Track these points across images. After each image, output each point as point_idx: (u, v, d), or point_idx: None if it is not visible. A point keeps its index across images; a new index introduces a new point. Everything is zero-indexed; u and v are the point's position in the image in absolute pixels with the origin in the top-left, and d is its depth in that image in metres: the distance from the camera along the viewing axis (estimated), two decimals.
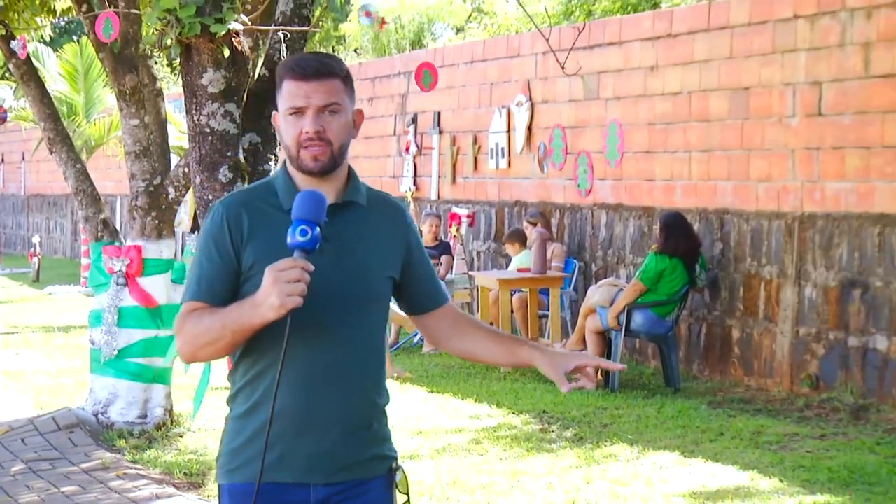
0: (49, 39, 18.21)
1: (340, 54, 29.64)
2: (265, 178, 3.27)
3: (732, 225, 10.85)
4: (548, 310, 11.78)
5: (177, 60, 6.48)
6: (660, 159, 11.69)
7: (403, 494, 3.22)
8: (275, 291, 2.87)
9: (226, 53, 6.35)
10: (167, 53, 6.41)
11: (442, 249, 13.41)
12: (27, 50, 9.35)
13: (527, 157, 13.59)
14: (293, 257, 2.91)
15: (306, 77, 3.07)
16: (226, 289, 3.10)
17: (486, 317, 11.89)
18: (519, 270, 12.06)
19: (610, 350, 10.59)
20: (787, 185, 10.28)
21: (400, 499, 3.22)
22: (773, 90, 10.41)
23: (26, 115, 20.89)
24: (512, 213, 13.93)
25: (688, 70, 11.31)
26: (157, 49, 6.64)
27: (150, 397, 8.92)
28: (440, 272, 12.89)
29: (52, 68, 20.67)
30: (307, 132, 3.07)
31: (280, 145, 6.78)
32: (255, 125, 6.69)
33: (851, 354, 9.64)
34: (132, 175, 8.95)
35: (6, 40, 9.43)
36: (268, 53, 6.85)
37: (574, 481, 7.34)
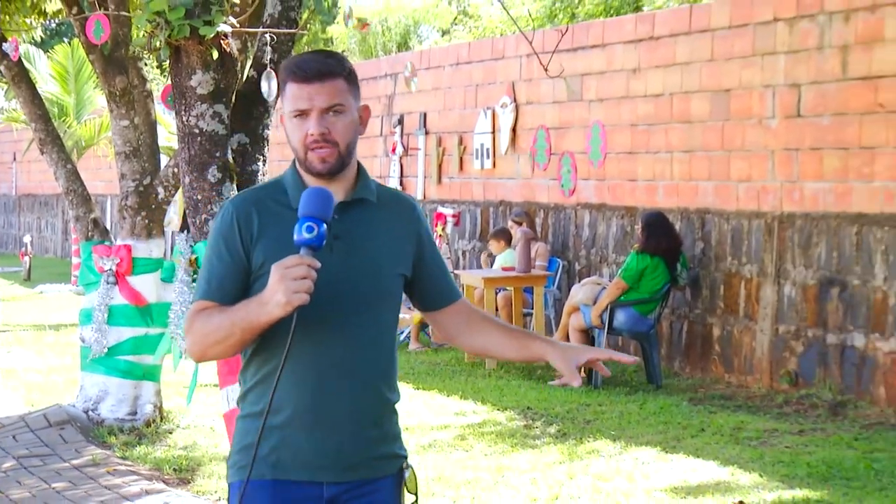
0: (40, 41, 18.17)
1: None
2: (275, 177, 3.21)
3: (713, 224, 10.87)
4: (532, 308, 11.79)
5: (166, 62, 6.47)
6: (642, 160, 11.71)
7: (412, 494, 3.17)
8: (281, 289, 2.83)
9: (214, 55, 6.34)
10: (157, 55, 6.40)
11: None
12: (19, 52, 9.33)
13: (511, 158, 13.60)
14: (300, 254, 2.87)
15: (308, 79, 3.02)
16: (236, 287, 3.06)
17: None
18: (504, 269, 12.07)
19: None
20: (767, 186, 10.30)
21: (408, 498, 3.17)
22: (753, 92, 10.43)
23: (17, 116, 20.84)
24: (497, 213, 13.93)
25: (669, 72, 11.32)
26: (147, 51, 6.62)
27: (140, 394, 8.91)
28: None
29: (43, 70, 20.61)
30: (312, 134, 3.01)
31: (268, 146, 6.81)
32: (244, 126, 6.68)
33: (830, 352, 9.67)
34: (122, 175, 8.94)
35: None
36: (256, 55, 6.85)
37: (557, 476, 7.35)
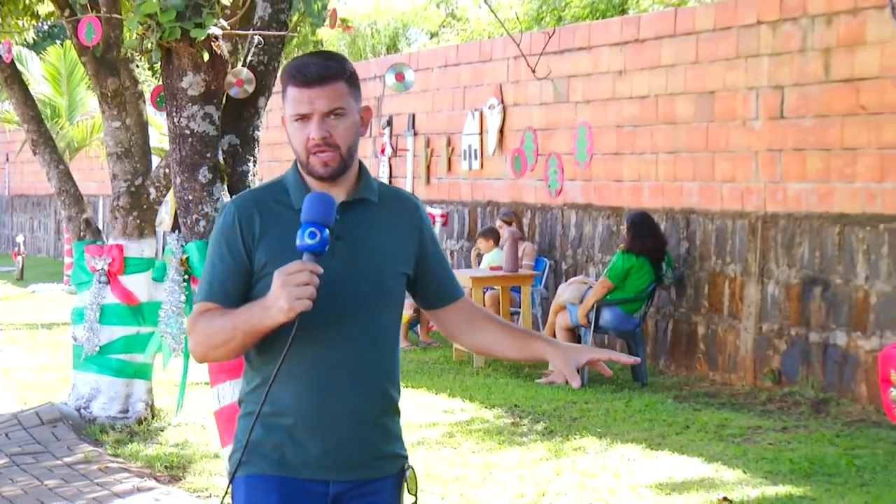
0: (32, 43, 18.12)
1: None
2: (276, 177, 3.17)
3: (698, 224, 10.88)
4: (519, 307, 11.79)
5: (157, 64, 6.45)
6: (628, 161, 11.72)
7: (412, 495, 3.15)
8: (283, 295, 2.81)
9: (205, 57, 6.33)
10: (148, 57, 6.38)
11: None
12: (11, 54, 9.30)
13: (499, 159, 13.60)
14: (302, 260, 2.84)
15: (309, 83, 2.98)
16: (238, 289, 3.03)
17: None
18: (491, 269, 12.08)
19: None
20: (751, 186, 10.32)
21: (408, 499, 3.16)
22: (737, 94, 10.44)
23: (10, 118, 20.78)
24: (484, 213, 13.94)
25: (655, 74, 11.34)
26: (139, 53, 6.61)
27: (132, 392, 8.90)
28: None
29: (36, 71, 20.59)
30: (313, 139, 2.98)
31: (259, 147, 6.80)
32: (234, 127, 6.66)
33: (812, 350, 9.69)
34: (114, 176, 8.93)
35: None
36: (246, 57, 6.84)
37: (544, 473, 7.35)
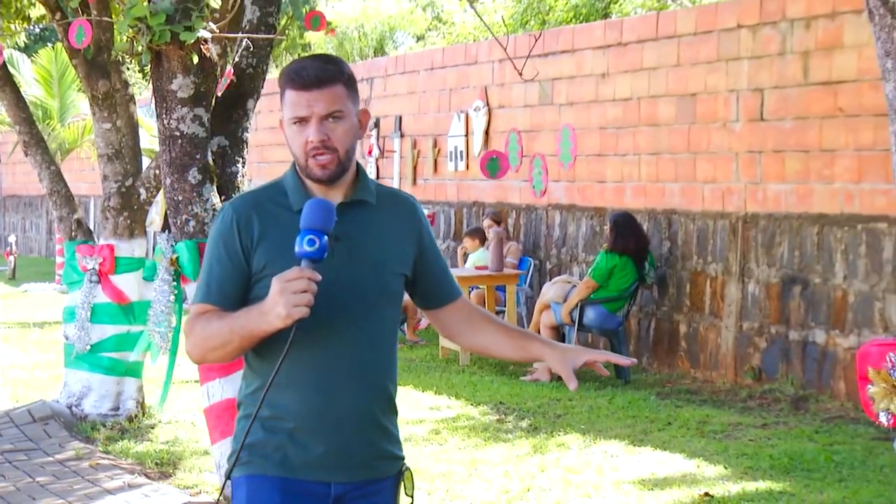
0: (24, 46, 18.07)
1: None
2: (274, 179, 3.13)
3: (679, 224, 10.90)
4: (504, 305, 11.80)
5: (148, 67, 6.44)
6: (611, 162, 11.73)
7: (408, 496, 3.12)
8: (281, 301, 2.78)
9: (195, 60, 6.32)
10: (138, 60, 6.36)
11: None
12: (3, 57, 9.27)
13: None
14: (300, 267, 2.80)
15: (307, 86, 2.94)
16: (236, 290, 3.00)
17: None
18: (477, 268, 12.08)
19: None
20: (732, 187, 10.34)
21: (404, 500, 3.13)
22: (718, 96, 10.46)
23: (2, 119, 20.71)
24: (470, 214, 13.94)
25: (637, 77, 11.35)
26: (129, 55, 6.58)
27: (123, 390, 8.87)
28: None
29: (27, 74, 20.52)
30: (312, 141, 2.94)
31: (247, 148, 6.79)
32: (224, 129, 6.66)
33: (792, 347, 9.71)
34: (105, 177, 8.90)
35: None
36: (235, 60, 6.83)
37: (529, 469, 7.36)
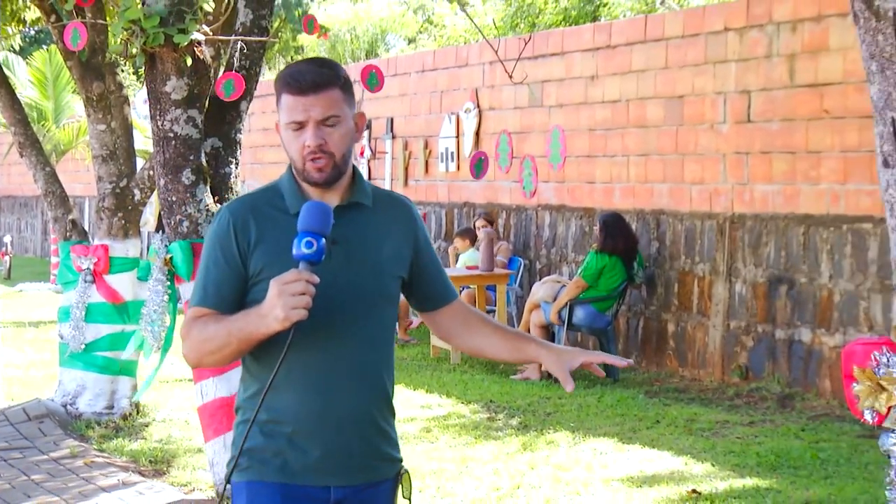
0: (19, 49, 18.04)
1: None
2: (270, 182, 3.09)
3: (668, 225, 10.91)
4: (495, 305, 11.80)
5: (142, 69, 6.44)
6: (600, 163, 11.74)
7: (405, 498, 3.10)
8: (279, 304, 2.75)
9: (188, 62, 6.31)
10: (132, 62, 6.36)
11: None
12: None
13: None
14: (298, 270, 2.78)
15: (303, 91, 2.90)
16: (233, 294, 2.96)
17: None
18: (468, 268, 12.09)
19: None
20: (719, 188, 10.35)
21: (402, 503, 3.10)
22: (706, 98, 10.48)
23: None
24: (461, 214, 13.94)
25: (626, 79, 11.36)
26: (123, 58, 6.58)
27: (117, 389, 8.87)
28: None
29: (23, 76, 20.50)
30: (309, 146, 2.91)
31: (241, 149, 6.78)
32: (217, 130, 6.65)
33: (778, 346, 9.72)
34: (99, 177, 8.89)
35: None
36: (228, 62, 6.83)
37: (519, 467, 7.36)
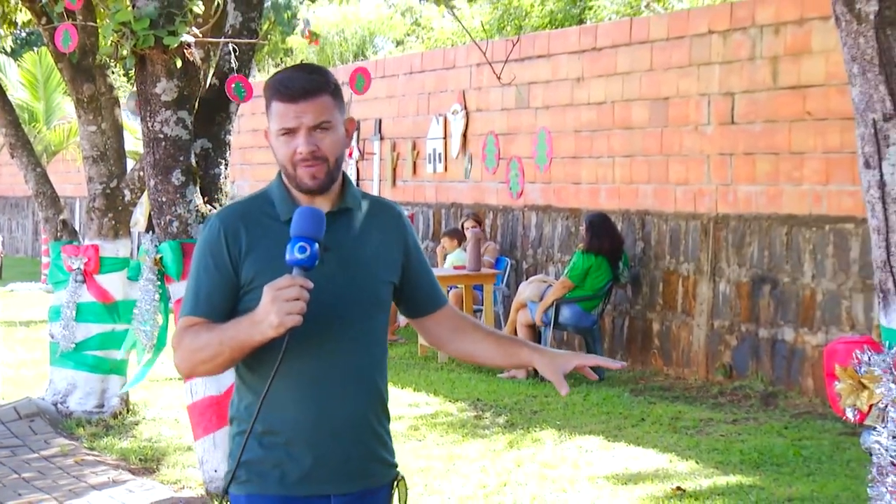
0: (10, 50, 17.99)
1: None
2: (259, 189, 3.05)
3: (653, 225, 10.92)
4: (482, 304, 11.81)
5: (132, 70, 6.43)
6: (585, 164, 11.74)
7: None
8: (274, 310, 2.70)
9: (178, 64, 6.31)
10: (123, 64, 6.35)
11: None
12: None
13: (462, 162, 13.61)
14: (292, 275, 2.73)
15: (294, 98, 2.85)
16: (224, 302, 2.91)
17: None
18: (455, 268, 12.09)
19: (539, 343, 10.62)
20: (703, 188, 10.37)
21: None
22: (690, 100, 10.49)
23: None
24: (448, 215, 13.94)
25: (611, 81, 11.37)
26: (114, 59, 6.56)
27: (107, 388, 8.85)
28: None
29: (14, 77, 20.43)
30: (301, 153, 2.86)
31: (230, 150, 6.77)
32: (207, 131, 6.65)
33: (762, 345, 9.74)
34: (90, 178, 8.87)
35: None
36: (218, 64, 6.83)
37: (506, 464, 7.36)
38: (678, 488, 6.74)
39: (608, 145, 11.43)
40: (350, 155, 15.59)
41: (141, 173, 8.49)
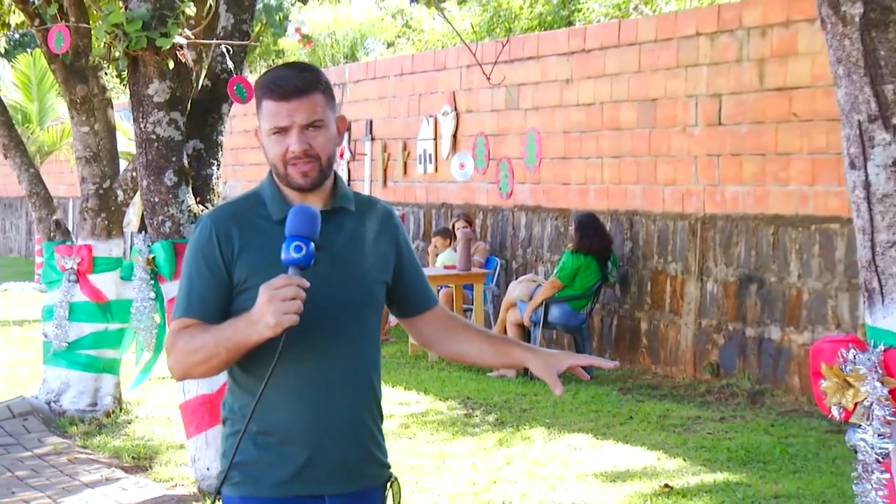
0: (3, 51, 17.94)
1: None
2: (250, 189, 3.01)
3: (641, 225, 10.93)
4: (472, 304, 11.81)
5: (125, 72, 6.42)
6: (574, 165, 11.75)
7: None
8: (270, 310, 2.66)
9: (170, 65, 6.30)
10: (116, 65, 6.33)
11: None
12: None
13: (452, 163, 13.61)
14: (288, 274, 2.69)
15: (286, 96, 2.82)
16: (218, 303, 2.86)
17: None
18: (446, 267, 12.09)
19: (529, 341, 10.62)
20: (691, 189, 10.38)
21: None
22: (678, 101, 10.50)
23: None
24: (439, 215, 13.94)
25: (600, 83, 11.37)
26: (107, 61, 6.55)
27: (101, 386, 8.84)
28: None
29: (7, 78, 20.39)
30: (294, 151, 2.83)
31: (222, 151, 6.77)
32: (199, 132, 6.64)
33: (748, 344, 9.75)
34: (83, 179, 8.86)
35: None
36: (210, 65, 6.82)
37: (495, 462, 7.36)
38: (666, 486, 6.75)
39: (597, 146, 11.44)
40: (341, 156, 15.58)
41: (133, 174, 8.48)
